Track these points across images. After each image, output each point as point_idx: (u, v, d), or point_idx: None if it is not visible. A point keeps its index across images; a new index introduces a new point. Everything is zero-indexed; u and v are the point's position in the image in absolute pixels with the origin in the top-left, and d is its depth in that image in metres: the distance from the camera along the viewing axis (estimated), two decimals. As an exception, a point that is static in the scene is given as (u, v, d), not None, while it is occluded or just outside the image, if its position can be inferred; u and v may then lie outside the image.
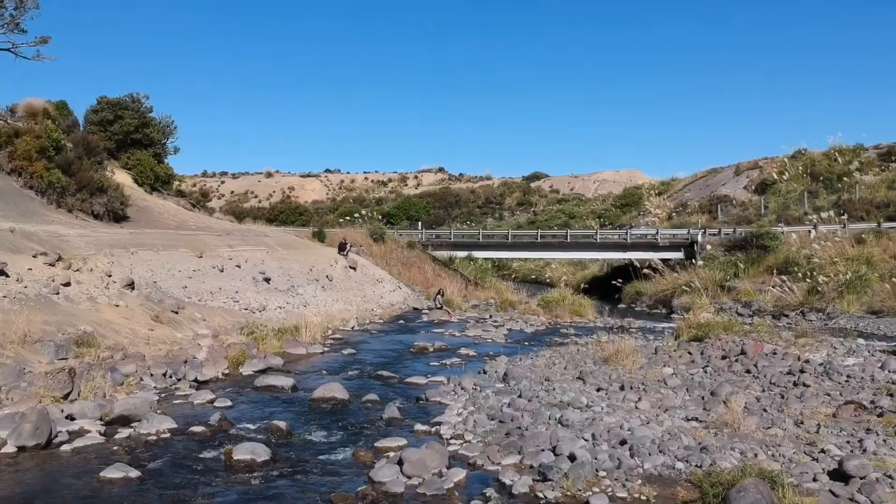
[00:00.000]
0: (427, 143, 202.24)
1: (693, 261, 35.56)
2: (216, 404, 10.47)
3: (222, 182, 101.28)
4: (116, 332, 14.33)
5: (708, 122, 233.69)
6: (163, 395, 11.12)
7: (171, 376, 12.22)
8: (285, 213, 43.56)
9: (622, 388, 11.26)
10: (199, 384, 12.22)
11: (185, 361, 13.16)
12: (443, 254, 37.59)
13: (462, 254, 38.31)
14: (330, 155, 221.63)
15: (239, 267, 19.99)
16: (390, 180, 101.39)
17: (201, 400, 10.65)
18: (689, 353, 15.24)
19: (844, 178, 46.13)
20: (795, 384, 11.07)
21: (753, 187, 52.32)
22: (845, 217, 37.45)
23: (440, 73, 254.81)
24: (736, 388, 10.81)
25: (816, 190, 47.97)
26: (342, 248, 26.19)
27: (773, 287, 29.39)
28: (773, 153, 55.90)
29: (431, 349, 16.95)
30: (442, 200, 76.29)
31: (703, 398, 10.49)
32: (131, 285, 16.31)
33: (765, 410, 9.49)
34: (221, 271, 19.14)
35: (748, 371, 12.76)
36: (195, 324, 16.49)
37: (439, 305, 23.91)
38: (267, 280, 20.24)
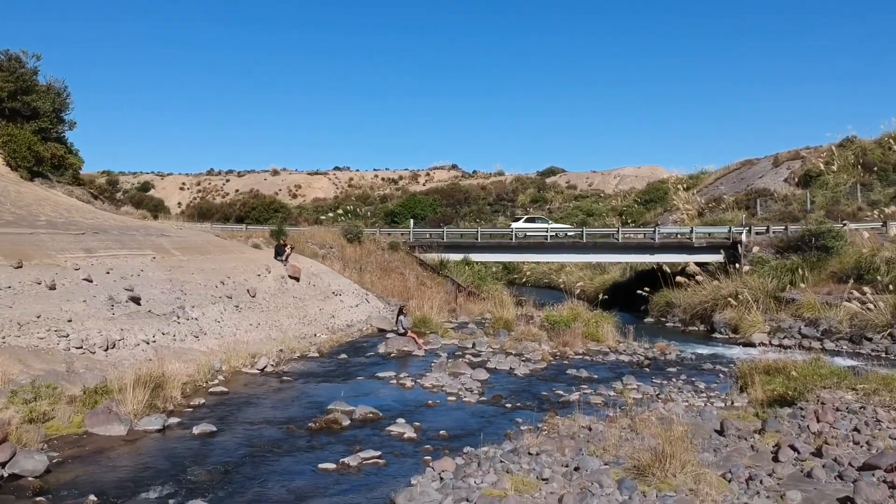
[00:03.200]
0: (440, 140, 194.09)
1: (736, 265, 28.22)
2: None
3: (227, 180, 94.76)
4: None
5: (730, 113, 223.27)
6: None
7: None
8: (257, 211, 37.01)
9: None
10: None
11: None
12: (434, 256, 30.64)
13: (457, 256, 31.32)
14: (340, 152, 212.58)
15: (90, 281, 13.18)
16: (401, 178, 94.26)
17: None
18: (794, 448, 8.10)
19: (902, 169, 38.70)
20: None
21: (796, 180, 44.62)
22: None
23: (452, 68, 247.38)
24: None
25: (870, 182, 40.48)
26: (279, 251, 19.28)
27: (847, 300, 22.00)
28: (813, 142, 48.18)
29: (347, 422, 10.00)
30: (450, 198, 69.01)
31: None
32: None
33: None
34: (52, 288, 12.34)
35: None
36: (-41, 379, 9.70)
37: (402, 330, 16.95)
38: (135, 300, 13.42)
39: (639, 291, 28.99)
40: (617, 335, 20.01)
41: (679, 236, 31.76)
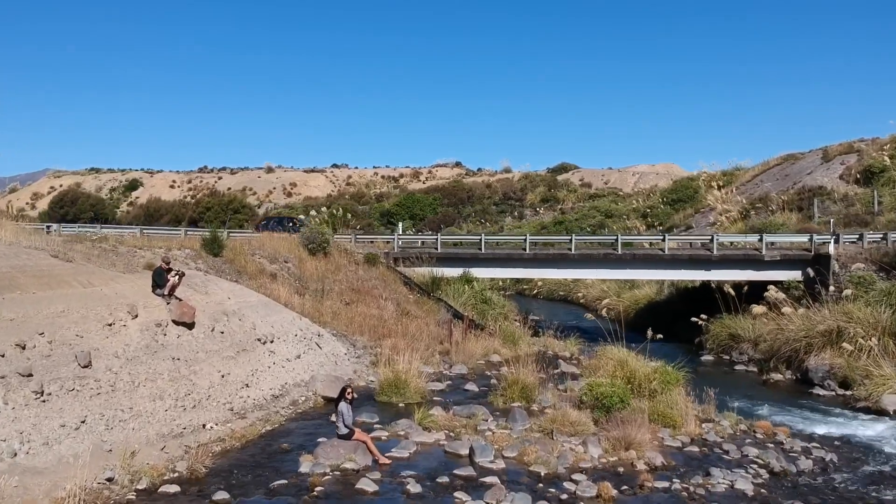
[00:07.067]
0: (445, 138, 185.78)
1: (826, 287, 20.53)
2: None
3: (220, 178, 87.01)
4: None
5: (747, 110, 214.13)
6: None
7: None
8: (213, 211, 29.74)
9: None
10: None
11: None
12: (425, 271, 23.12)
13: (455, 271, 23.75)
14: (340, 151, 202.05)
15: None
16: (402, 176, 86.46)
17: None
18: None
19: None
20: None
21: (856, 176, 36.73)
22: None
23: (459, 66, 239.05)
24: None
25: (947, 178, 33.01)
26: (159, 280, 11.40)
27: None
28: (867, 133, 40.36)
29: None
30: (452, 196, 61.25)
31: None
32: None
33: None
34: None
35: None
36: None
37: (344, 430, 9.17)
38: None
39: (693, 319, 21.37)
40: (697, 412, 12.45)
41: (739, 245, 24.13)
